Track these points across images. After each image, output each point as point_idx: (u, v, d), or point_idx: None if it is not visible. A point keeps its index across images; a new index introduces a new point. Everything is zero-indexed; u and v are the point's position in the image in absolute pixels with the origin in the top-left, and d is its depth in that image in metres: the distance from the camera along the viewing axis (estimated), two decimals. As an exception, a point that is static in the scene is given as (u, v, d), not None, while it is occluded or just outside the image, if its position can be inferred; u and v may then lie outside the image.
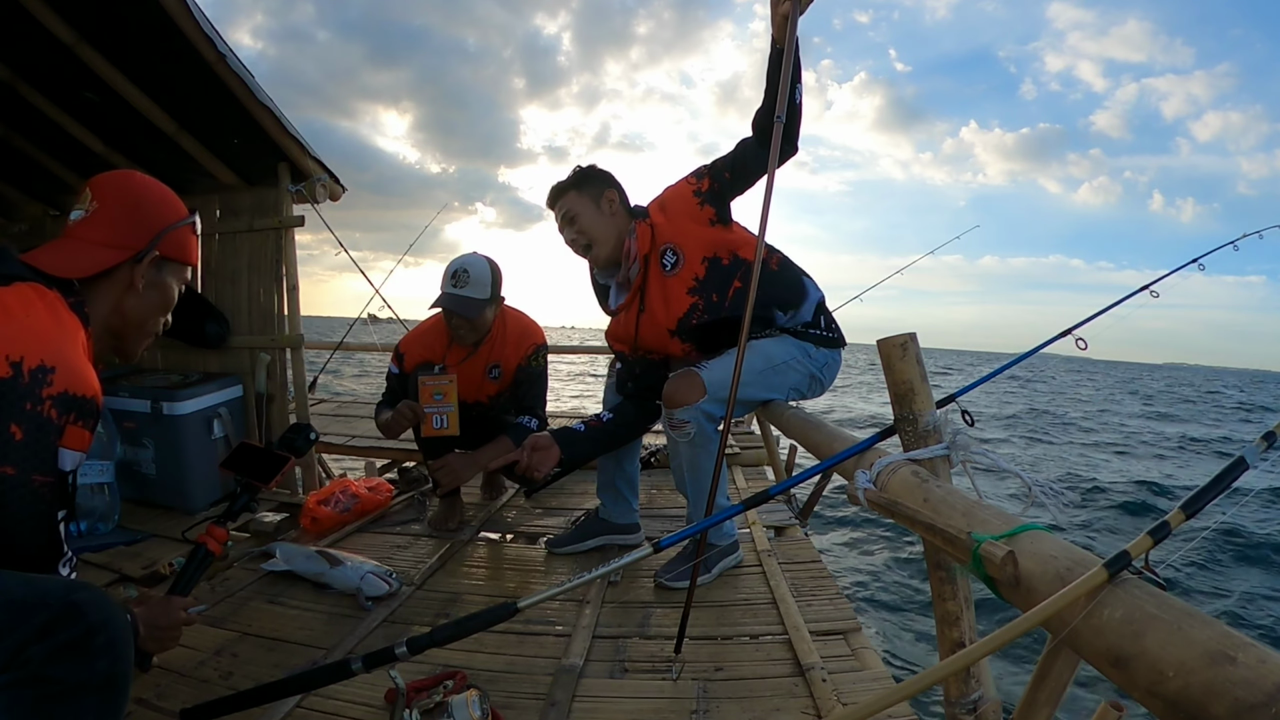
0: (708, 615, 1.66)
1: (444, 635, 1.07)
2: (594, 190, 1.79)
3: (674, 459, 1.80)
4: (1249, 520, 6.57)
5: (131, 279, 0.99)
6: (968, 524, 0.71)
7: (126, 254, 0.98)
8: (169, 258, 1.03)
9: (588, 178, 1.81)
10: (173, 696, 1.25)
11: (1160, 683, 0.43)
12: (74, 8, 1.93)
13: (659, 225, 1.74)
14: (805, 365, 1.76)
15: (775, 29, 1.48)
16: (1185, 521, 0.59)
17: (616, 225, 1.78)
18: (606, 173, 1.83)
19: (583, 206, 1.78)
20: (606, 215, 1.78)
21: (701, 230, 1.70)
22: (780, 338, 1.76)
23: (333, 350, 5.18)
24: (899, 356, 0.94)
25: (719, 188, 1.68)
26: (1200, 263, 2.04)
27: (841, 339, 1.84)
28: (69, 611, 0.72)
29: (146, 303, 1.02)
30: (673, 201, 1.75)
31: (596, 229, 1.77)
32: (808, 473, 1.27)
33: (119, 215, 0.98)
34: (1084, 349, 1.68)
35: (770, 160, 1.42)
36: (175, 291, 1.07)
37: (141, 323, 1.03)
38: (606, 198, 1.78)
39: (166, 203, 1.04)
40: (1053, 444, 12.98)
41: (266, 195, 2.46)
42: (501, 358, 2.25)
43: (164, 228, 1.01)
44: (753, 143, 1.62)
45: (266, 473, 1.30)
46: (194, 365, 2.52)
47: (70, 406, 0.82)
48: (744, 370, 1.56)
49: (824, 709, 1.24)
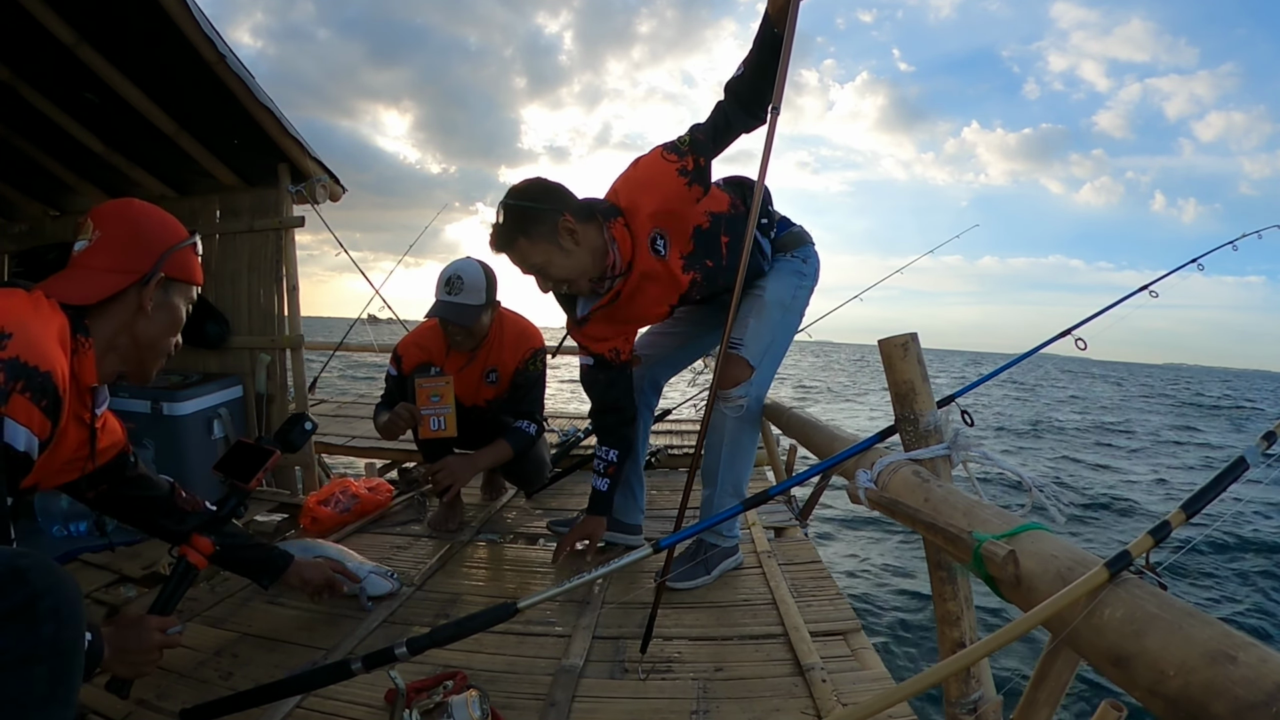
0: (708, 615, 1.66)
1: (444, 636, 1.07)
2: (545, 228, 1.51)
3: (714, 435, 1.75)
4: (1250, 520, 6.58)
5: (140, 302, 1.02)
6: (969, 523, 0.71)
7: (133, 278, 1.01)
8: (175, 278, 1.06)
9: (528, 215, 1.51)
10: (173, 697, 1.24)
11: (1161, 682, 0.44)
12: (74, 8, 1.93)
13: (639, 213, 1.57)
14: (805, 282, 1.79)
15: (773, 9, 1.39)
16: (1186, 521, 0.59)
17: (589, 249, 1.55)
18: (545, 189, 1.55)
19: (542, 252, 1.52)
20: (572, 248, 1.53)
21: (687, 208, 1.58)
22: (774, 271, 1.77)
23: (333, 350, 5.18)
24: (900, 356, 0.94)
25: (704, 162, 1.53)
26: (1199, 263, 2.04)
27: (804, 230, 1.84)
28: (11, 577, 0.67)
29: (157, 324, 1.05)
30: (658, 187, 1.55)
31: (569, 269, 1.55)
32: (808, 473, 1.27)
33: (122, 241, 1.01)
34: (1084, 349, 1.68)
35: (764, 152, 1.38)
36: (183, 312, 1.10)
37: (154, 343, 1.06)
38: (563, 229, 1.51)
39: (167, 226, 1.07)
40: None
41: (266, 196, 2.46)
42: (499, 362, 2.25)
43: (166, 249, 1.04)
44: (732, 109, 1.50)
45: (248, 471, 1.29)
46: (194, 365, 2.52)
47: (19, 374, 0.81)
48: (767, 324, 1.72)
49: (824, 709, 1.24)
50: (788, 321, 1.78)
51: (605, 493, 1.94)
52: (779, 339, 1.76)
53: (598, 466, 1.94)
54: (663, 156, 1.52)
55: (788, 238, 1.81)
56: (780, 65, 1.37)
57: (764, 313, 1.71)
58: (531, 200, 1.52)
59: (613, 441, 1.93)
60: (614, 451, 1.92)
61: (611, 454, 1.92)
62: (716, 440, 1.77)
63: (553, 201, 1.53)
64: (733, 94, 1.50)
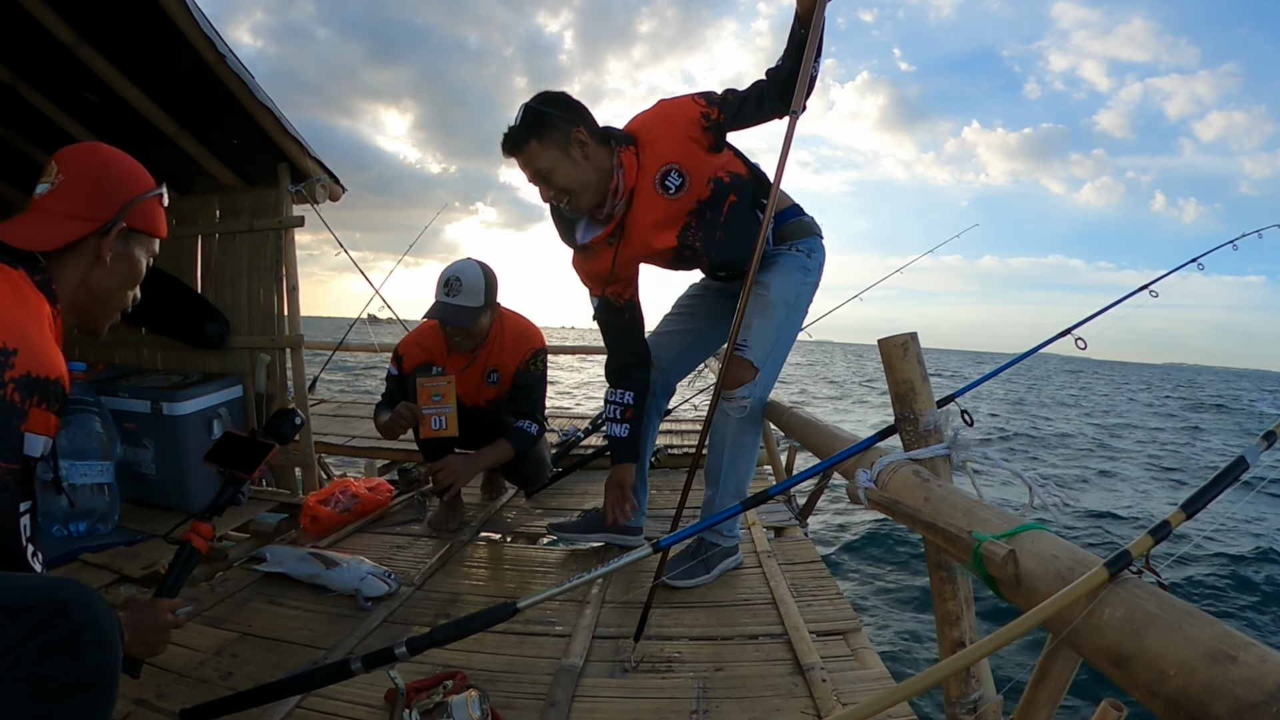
0: (708, 615, 1.66)
1: (444, 635, 1.07)
2: (559, 135, 1.53)
3: (716, 435, 1.76)
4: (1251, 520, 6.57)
5: (99, 251, 0.96)
6: (968, 523, 0.71)
7: (93, 225, 0.95)
8: (137, 229, 1.01)
9: (545, 120, 1.54)
10: (173, 697, 1.24)
11: (1161, 682, 0.43)
12: (74, 8, 1.93)
13: (654, 145, 1.59)
14: (809, 278, 1.78)
15: (802, 9, 1.38)
16: (1186, 521, 0.59)
17: (596, 166, 1.57)
18: (566, 102, 1.58)
19: (550, 158, 1.54)
20: (580, 160, 1.55)
21: (703, 153, 1.60)
22: (779, 266, 1.75)
23: (333, 351, 5.18)
24: (900, 356, 0.94)
25: (725, 121, 1.56)
26: (1199, 262, 2.04)
27: (814, 220, 1.82)
28: (55, 611, 0.71)
29: (114, 276, 1.00)
30: (676, 121, 1.59)
31: (574, 179, 1.56)
32: (808, 472, 1.27)
33: (85, 187, 0.96)
34: (1083, 349, 1.68)
35: (781, 157, 1.37)
36: (143, 265, 1.05)
37: (108, 296, 1.01)
38: (575, 140, 1.54)
39: (134, 174, 1.02)
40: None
41: (266, 195, 2.46)
42: (500, 362, 2.25)
43: (131, 199, 0.99)
44: (769, 94, 1.52)
45: (250, 462, 1.28)
46: (194, 366, 2.52)
47: (34, 389, 0.81)
48: (772, 325, 1.71)
49: (824, 709, 1.24)
50: (792, 320, 1.77)
51: (626, 439, 1.88)
52: (783, 338, 1.76)
53: (612, 413, 1.88)
54: (693, 100, 1.58)
55: (795, 225, 1.78)
56: (802, 67, 1.36)
57: (769, 313, 1.70)
58: (550, 105, 1.55)
59: (626, 384, 1.88)
60: (629, 394, 1.87)
61: (627, 396, 1.87)
62: (719, 441, 1.77)
63: (571, 113, 1.55)
64: (771, 80, 1.52)
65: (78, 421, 1.90)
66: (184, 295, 2.48)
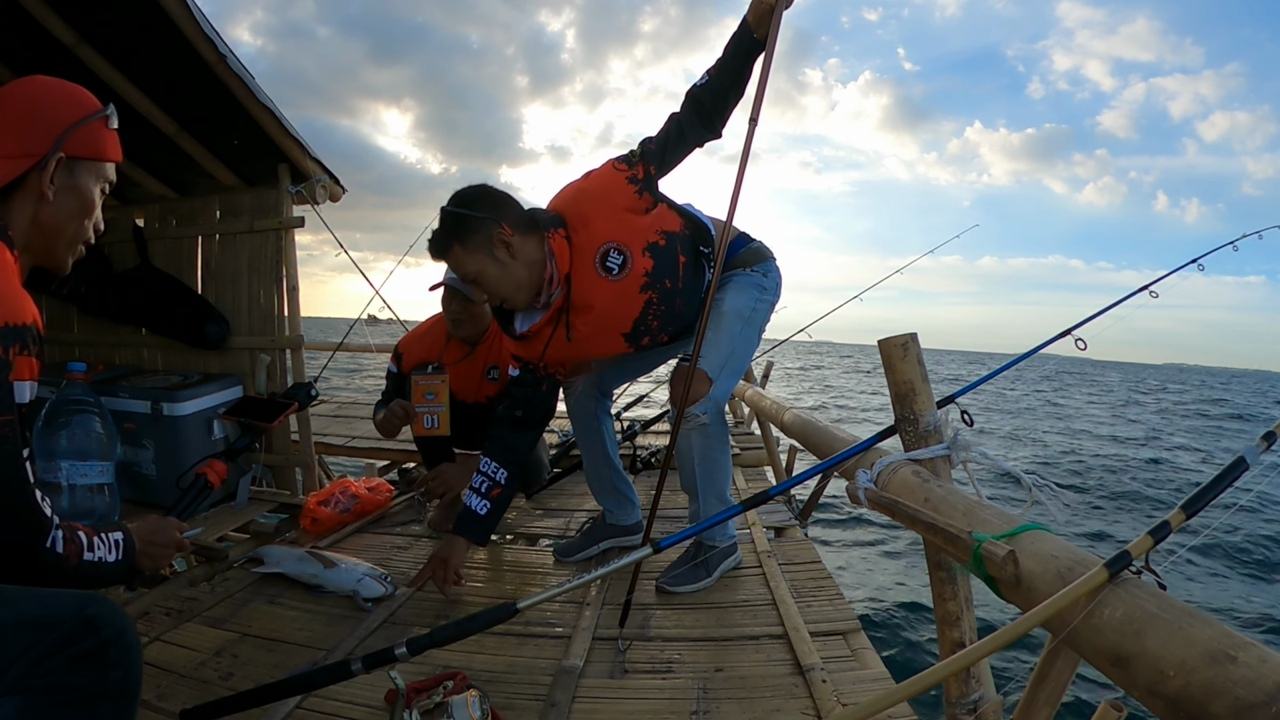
0: (708, 616, 1.66)
1: (444, 636, 1.08)
2: (480, 238, 1.47)
3: (683, 455, 1.73)
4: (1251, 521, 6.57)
5: (40, 188, 0.92)
6: (968, 523, 0.71)
7: (29, 161, 0.90)
8: (80, 157, 0.95)
9: (465, 224, 1.47)
10: (173, 697, 1.24)
11: (1161, 682, 0.44)
12: (74, 8, 1.93)
13: (587, 225, 1.53)
14: (766, 296, 1.75)
15: (753, 15, 1.35)
16: (1185, 521, 0.59)
17: (525, 261, 1.50)
18: (486, 199, 1.51)
19: (475, 262, 1.48)
20: (507, 260, 1.48)
21: (639, 220, 1.55)
22: (734, 282, 1.72)
23: (333, 351, 5.17)
24: (900, 356, 0.94)
25: (654, 171, 1.52)
26: (1200, 263, 2.04)
27: (764, 245, 1.79)
28: (84, 626, 0.76)
29: (63, 209, 0.95)
30: (605, 195, 1.53)
31: (503, 283, 1.50)
32: (808, 473, 1.27)
33: (16, 122, 0.92)
34: (1084, 349, 1.68)
35: (740, 164, 1.38)
36: (96, 193, 1.00)
37: (60, 230, 0.96)
38: (498, 240, 1.47)
39: (70, 100, 0.96)
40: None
41: (266, 196, 2.46)
42: (500, 359, 2.25)
43: (66, 127, 0.94)
44: (687, 121, 1.49)
45: (270, 415, 1.29)
46: (194, 366, 2.52)
47: (13, 338, 0.80)
48: (728, 337, 1.66)
49: (824, 709, 1.24)
50: (747, 334, 1.71)
51: (483, 517, 1.70)
52: (738, 350, 1.69)
53: (479, 485, 1.72)
54: (614, 168, 1.52)
55: (746, 254, 1.75)
56: (761, 75, 1.36)
57: (722, 323, 1.64)
58: (468, 207, 1.49)
59: (503, 458, 1.73)
60: (502, 471, 1.72)
61: (500, 474, 1.72)
62: (687, 460, 1.72)
63: (491, 210, 1.48)
64: (694, 102, 1.49)
65: (78, 422, 1.90)
66: (184, 296, 2.48)
